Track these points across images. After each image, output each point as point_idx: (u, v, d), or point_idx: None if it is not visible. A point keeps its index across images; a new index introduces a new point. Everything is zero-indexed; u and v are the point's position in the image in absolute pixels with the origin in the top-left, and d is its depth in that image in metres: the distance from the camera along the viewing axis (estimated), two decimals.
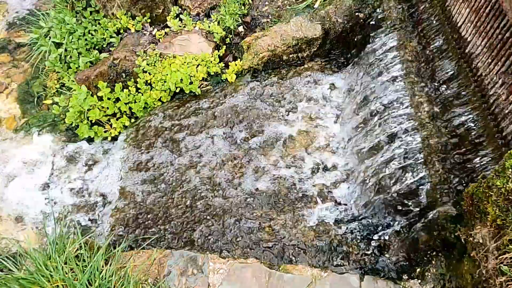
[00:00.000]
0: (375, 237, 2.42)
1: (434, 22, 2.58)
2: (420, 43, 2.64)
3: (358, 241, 2.41)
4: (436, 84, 2.43)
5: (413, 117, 2.38)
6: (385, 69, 2.68)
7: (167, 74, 3.10)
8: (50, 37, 3.44)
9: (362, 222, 2.47)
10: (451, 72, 2.34)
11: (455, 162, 2.14)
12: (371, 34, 2.98)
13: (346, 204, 2.55)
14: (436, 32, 2.54)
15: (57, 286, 1.94)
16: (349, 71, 3.09)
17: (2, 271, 2.05)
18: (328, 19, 3.15)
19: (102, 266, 2.04)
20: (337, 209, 2.53)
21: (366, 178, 2.48)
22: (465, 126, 2.15)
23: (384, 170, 2.37)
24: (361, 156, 2.57)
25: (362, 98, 2.79)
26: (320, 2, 3.29)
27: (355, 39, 3.14)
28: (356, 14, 3.12)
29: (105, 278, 1.98)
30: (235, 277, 2.03)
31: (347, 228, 2.46)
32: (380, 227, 2.43)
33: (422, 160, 2.21)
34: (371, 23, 3.03)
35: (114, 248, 2.18)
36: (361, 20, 3.11)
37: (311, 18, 3.18)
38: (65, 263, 2.03)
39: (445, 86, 2.36)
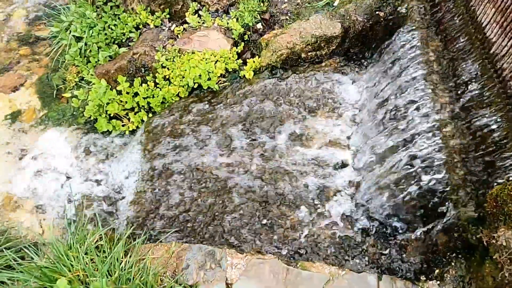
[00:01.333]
0: (393, 237, 2.41)
1: (458, 21, 2.55)
2: (443, 43, 2.61)
3: (375, 241, 2.40)
4: (458, 84, 2.40)
5: (434, 117, 2.36)
6: (406, 68, 2.65)
7: (185, 70, 3.12)
8: (70, 31, 3.48)
9: (379, 221, 2.45)
10: (475, 73, 2.31)
11: (477, 163, 2.12)
12: (391, 33, 2.96)
13: (363, 204, 2.54)
14: (459, 32, 2.51)
15: (78, 275, 1.97)
16: (368, 70, 3.07)
17: (24, 259, 2.09)
18: (347, 17, 3.13)
19: (122, 258, 2.07)
20: (354, 208, 2.52)
21: (384, 178, 2.47)
22: (488, 127, 2.12)
23: (403, 170, 2.35)
24: (380, 156, 2.55)
25: (382, 97, 2.77)
26: (340, 0, 3.27)
27: (375, 38, 3.12)
28: (377, 12, 3.10)
29: (125, 269, 2.00)
30: (253, 273, 2.04)
31: (364, 227, 2.45)
32: (398, 227, 2.42)
33: (443, 161, 2.19)
34: (392, 22, 3.01)
35: (133, 240, 2.21)
36: (382, 19, 3.09)
37: (331, 16, 3.17)
38: (86, 254, 2.06)
39: (467, 86, 2.33)
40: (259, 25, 3.39)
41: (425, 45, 2.67)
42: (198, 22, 3.40)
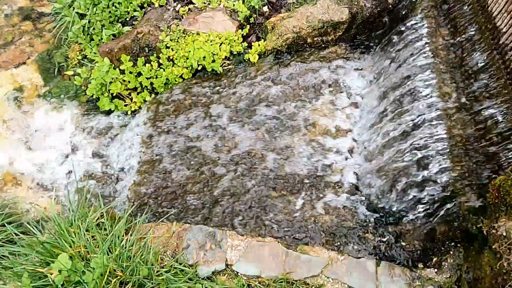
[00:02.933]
0: (392, 224, 2.43)
1: (468, 11, 2.52)
2: (451, 32, 2.58)
3: (375, 227, 2.41)
4: (465, 74, 2.38)
5: (439, 106, 2.35)
6: (413, 57, 2.63)
7: (189, 51, 3.08)
8: (74, 8, 3.42)
9: (379, 208, 2.47)
10: (482, 63, 2.29)
11: (480, 154, 2.12)
12: (399, 21, 2.92)
13: (364, 190, 2.55)
14: (469, 21, 2.48)
15: (79, 251, 1.99)
16: (374, 57, 3.05)
17: (27, 234, 2.10)
18: (356, 3, 3.09)
19: (123, 236, 2.08)
20: (355, 194, 2.53)
21: (386, 166, 2.47)
22: (494, 118, 2.11)
23: (405, 158, 2.35)
24: (382, 144, 2.55)
25: (387, 85, 2.76)
26: None
27: (383, 25, 3.08)
28: None
29: (126, 247, 2.02)
30: (252, 254, 2.06)
31: (364, 214, 2.47)
32: (397, 215, 2.43)
33: (446, 150, 2.19)
34: (400, 9, 2.97)
35: (134, 219, 2.22)
36: (390, 6, 3.05)
37: (338, 1, 3.12)
38: (87, 231, 2.08)
39: (475, 77, 2.31)
40: (265, 8, 3.34)
41: (433, 33, 2.64)
42: (204, 3, 3.34)
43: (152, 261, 1.99)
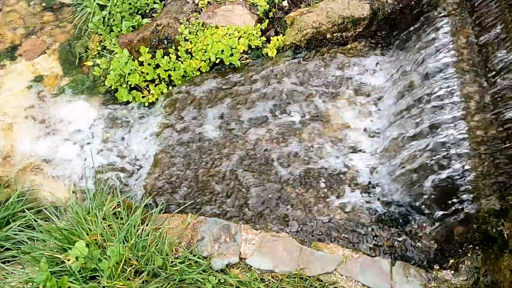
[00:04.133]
0: (408, 224, 2.40)
1: (494, 8, 2.45)
2: (476, 30, 2.52)
3: (390, 226, 2.39)
4: (489, 74, 2.32)
5: (461, 106, 2.30)
6: (435, 55, 2.57)
7: (208, 44, 3.08)
8: None
9: (395, 208, 2.44)
10: (508, 63, 2.23)
11: (503, 156, 2.07)
12: (422, 18, 2.86)
13: (380, 188, 2.52)
14: (494, 19, 2.42)
15: (96, 239, 2.02)
16: (394, 54, 3.00)
17: (45, 221, 2.14)
18: None
19: (139, 225, 2.10)
20: (371, 192, 2.50)
21: (404, 165, 2.43)
22: None
23: (424, 158, 2.31)
24: (400, 142, 2.52)
25: (407, 83, 2.71)
26: None
27: (404, 22, 3.02)
28: None
29: (141, 237, 2.04)
30: (266, 249, 2.06)
31: (379, 212, 2.44)
32: (414, 215, 2.40)
33: (467, 151, 2.15)
34: (423, 6, 2.91)
35: (150, 209, 2.24)
36: (412, 3, 2.99)
37: None
38: (104, 219, 2.10)
39: (499, 77, 2.25)
40: (285, 3, 3.32)
41: (457, 31, 2.58)
42: None
43: (167, 252, 2.00)
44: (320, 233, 2.36)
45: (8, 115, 3.23)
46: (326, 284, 1.98)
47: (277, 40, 3.15)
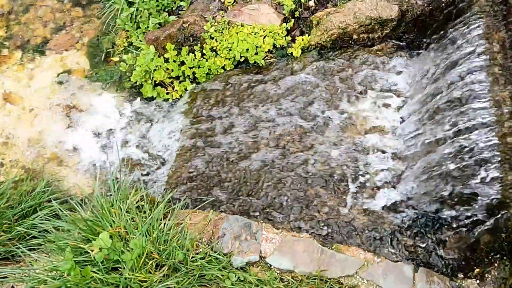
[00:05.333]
0: (432, 230, 2.35)
1: None
2: (510, 34, 2.44)
3: (413, 232, 2.35)
4: None
5: (491, 112, 2.23)
6: (466, 58, 2.51)
7: (233, 43, 3.09)
8: None
9: (419, 213, 2.39)
10: None
11: None
12: (453, 20, 2.80)
13: (403, 193, 2.47)
14: None
15: (119, 232, 2.05)
16: (422, 57, 2.94)
17: (70, 211, 2.19)
18: (406, 0, 2.99)
19: (161, 220, 2.12)
20: (394, 196, 2.46)
21: (430, 170, 2.38)
22: None
23: (450, 164, 2.26)
24: (426, 147, 2.46)
25: (435, 86, 2.65)
26: None
27: (434, 24, 2.96)
28: None
29: (163, 231, 2.06)
30: (287, 249, 2.05)
31: (402, 217, 2.40)
32: (439, 221, 2.35)
33: (497, 158, 2.08)
34: (454, 8, 2.84)
35: (172, 204, 2.26)
36: (443, 4, 2.92)
37: None
38: (127, 212, 2.13)
39: None
40: (311, 2, 3.30)
41: (490, 35, 2.51)
42: None
43: (188, 247, 2.02)
44: (341, 235, 2.34)
45: (36, 107, 3.32)
46: (347, 287, 1.96)
47: (302, 40, 3.13)
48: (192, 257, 2.00)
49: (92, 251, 1.92)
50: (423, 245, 2.29)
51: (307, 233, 2.18)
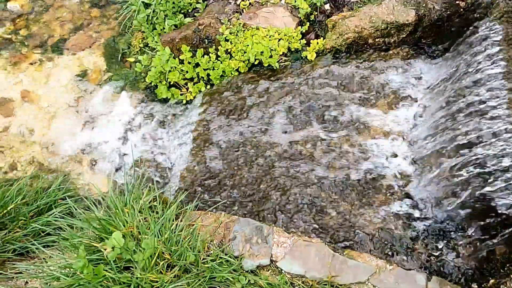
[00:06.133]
0: (445, 239, 2.31)
1: None
2: None
3: (426, 240, 2.31)
4: None
5: (508, 120, 2.19)
6: (483, 64, 2.47)
7: (248, 45, 3.10)
8: None
9: (433, 221, 2.36)
10: None
11: None
12: (470, 26, 2.76)
13: (417, 200, 2.44)
14: None
15: (131, 231, 2.07)
16: (439, 63, 2.90)
17: (84, 209, 2.22)
18: (423, 4, 2.95)
19: (173, 221, 2.14)
20: (408, 203, 2.43)
21: (445, 177, 2.35)
22: None
23: (467, 171, 2.22)
24: (443, 154, 2.43)
25: (452, 93, 2.62)
26: None
27: (451, 29, 2.92)
28: (457, 2, 2.89)
29: (175, 232, 2.07)
30: (298, 253, 2.04)
31: (415, 224, 2.37)
32: (453, 230, 2.31)
33: None
34: (472, 13, 2.80)
35: (184, 205, 2.28)
36: (461, 9, 2.88)
37: (405, 2, 3.00)
38: (140, 212, 2.15)
39: None
40: (327, 6, 3.29)
41: (509, 41, 2.47)
42: None
43: (199, 248, 2.02)
44: (353, 241, 2.32)
45: (53, 105, 3.38)
46: None
47: (317, 43, 3.12)
48: (203, 259, 2.01)
49: (105, 250, 1.94)
50: (437, 254, 2.25)
51: (318, 238, 2.16)
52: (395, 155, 2.62)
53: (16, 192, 2.45)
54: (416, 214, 2.41)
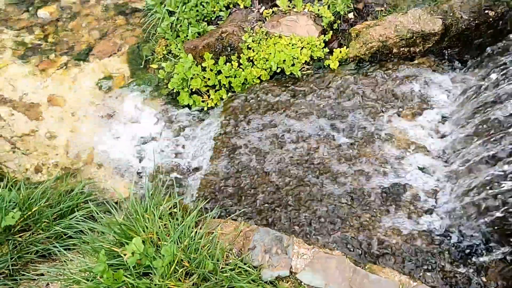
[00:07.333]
0: (473, 256, 2.23)
1: None
2: None
3: (452, 257, 2.23)
4: None
5: None
6: None
7: (270, 53, 3.10)
8: (165, 5, 3.61)
9: (459, 236, 2.27)
10: None
11: None
12: (500, 36, 2.68)
13: (443, 214, 2.37)
14: None
15: (151, 237, 2.07)
16: (466, 73, 2.83)
17: (106, 213, 2.24)
18: (451, 14, 2.89)
19: (192, 228, 2.13)
20: (433, 217, 2.36)
21: (471, 193, 2.27)
22: None
23: (498, 186, 2.14)
24: (470, 167, 2.35)
25: (478, 105, 2.54)
26: None
27: (479, 40, 2.85)
28: (486, 11, 2.81)
29: (194, 240, 2.06)
30: (319, 265, 2.00)
31: (441, 241, 2.29)
32: (481, 247, 2.22)
33: None
34: (502, 23, 2.72)
35: (204, 213, 2.27)
36: (490, 19, 2.81)
37: (432, 11, 2.94)
38: (160, 218, 2.16)
39: None
40: (350, 15, 3.26)
41: None
42: (288, 6, 3.34)
43: (218, 257, 2.01)
44: (374, 255, 2.26)
45: (77, 110, 3.45)
46: None
47: (340, 52, 3.09)
48: (222, 268, 1.99)
49: (124, 255, 1.94)
50: (463, 271, 2.17)
51: (339, 250, 2.11)
52: (421, 168, 2.55)
53: (41, 195, 2.50)
54: (442, 229, 2.34)
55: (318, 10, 3.25)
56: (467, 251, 2.25)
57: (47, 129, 3.32)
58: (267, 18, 3.36)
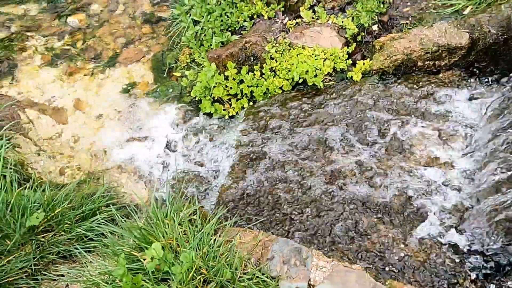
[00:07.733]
0: (495, 276, 2.15)
1: None
2: None
3: (474, 274, 2.16)
4: None
5: None
6: None
7: (293, 64, 3.11)
8: (190, 15, 3.68)
9: (484, 257, 2.20)
10: None
11: None
12: None
13: (467, 232, 2.30)
14: None
15: (170, 243, 2.08)
16: (493, 88, 2.77)
17: (126, 217, 2.27)
18: (478, 28, 2.85)
19: (211, 236, 2.13)
20: (457, 235, 2.29)
21: (497, 210, 2.20)
22: None
23: None
24: (494, 186, 2.28)
25: (505, 122, 2.48)
26: (472, 8, 2.99)
27: (508, 55, 2.79)
28: None
29: (213, 247, 2.06)
30: (338, 279, 1.96)
31: (463, 257, 2.22)
32: (505, 268, 2.15)
33: None
34: None
35: (223, 221, 2.27)
36: None
37: (458, 25, 2.90)
38: (179, 224, 2.17)
39: None
40: (374, 27, 3.25)
41: None
42: (312, 18, 3.36)
43: (236, 266, 2.00)
44: (395, 271, 2.21)
45: (102, 115, 3.53)
46: None
47: (363, 64, 3.08)
48: (240, 277, 1.97)
49: (144, 259, 1.96)
50: None
51: (359, 264, 2.07)
52: (445, 183, 2.50)
53: (64, 197, 2.55)
54: (465, 247, 2.27)
55: (342, 22, 3.25)
56: (491, 270, 2.18)
57: (72, 133, 3.40)
58: (290, 29, 3.39)
